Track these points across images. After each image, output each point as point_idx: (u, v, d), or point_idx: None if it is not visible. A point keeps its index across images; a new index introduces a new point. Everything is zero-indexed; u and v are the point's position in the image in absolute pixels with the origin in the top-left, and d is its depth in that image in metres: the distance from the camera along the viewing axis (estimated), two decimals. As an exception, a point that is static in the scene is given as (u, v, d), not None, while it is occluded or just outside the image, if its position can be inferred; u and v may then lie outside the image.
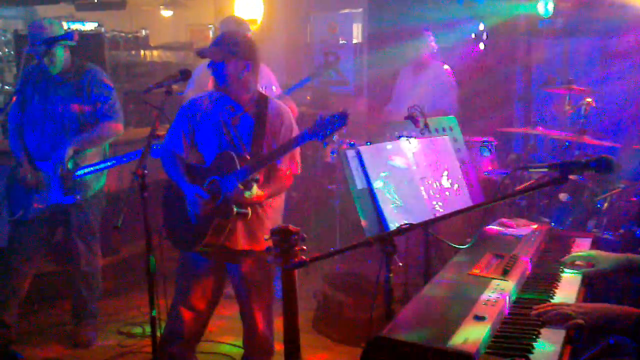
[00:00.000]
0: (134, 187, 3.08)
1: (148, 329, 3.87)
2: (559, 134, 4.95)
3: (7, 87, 8.86)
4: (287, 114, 3.39)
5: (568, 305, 2.20)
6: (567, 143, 4.95)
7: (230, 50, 3.24)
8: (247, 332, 3.52)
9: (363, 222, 2.92)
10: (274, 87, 5.00)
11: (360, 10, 7.49)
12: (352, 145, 4.79)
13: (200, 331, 3.61)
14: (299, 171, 3.43)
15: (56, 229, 4.39)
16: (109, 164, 4.25)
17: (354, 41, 7.65)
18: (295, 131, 3.36)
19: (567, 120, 5.26)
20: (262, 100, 3.35)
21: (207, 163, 3.33)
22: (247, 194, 3.11)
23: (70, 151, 4.11)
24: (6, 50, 9.70)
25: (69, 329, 4.61)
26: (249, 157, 3.19)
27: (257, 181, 3.14)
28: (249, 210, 3.20)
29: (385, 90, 6.34)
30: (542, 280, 2.59)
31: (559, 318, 2.12)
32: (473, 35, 6.39)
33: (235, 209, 3.13)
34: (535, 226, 3.25)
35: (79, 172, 4.15)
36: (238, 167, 3.13)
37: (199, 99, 3.43)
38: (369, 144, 3.44)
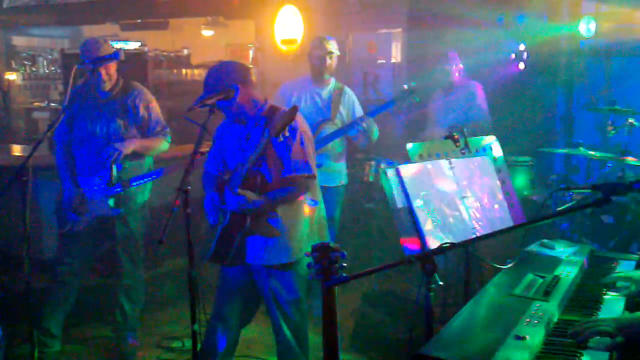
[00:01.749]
0: (177, 202, 3.13)
1: (188, 343, 3.92)
2: (601, 154, 4.90)
3: (52, 104, 9.12)
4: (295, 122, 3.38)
5: (604, 320, 2.18)
6: (609, 164, 4.89)
7: (214, 89, 3.32)
8: (278, 347, 3.56)
9: (402, 241, 2.93)
10: (356, 109, 5.05)
11: (399, 30, 7.53)
12: (391, 164, 4.79)
13: (232, 346, 3.63)
14: (312, 172, 3.37)
15: (101, 241, 4.48)
16: (152, 177, 4.34)
17: (393, 60, 7.67)
18: (301, 136, 3.34)
19: (609, 141, 5.20)
20: (272, 112, 3.41)
21: None
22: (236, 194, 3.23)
23: (127, 145, 4.22)
24: (53, 68, 10.00)
25: (110, 341, 4.68)
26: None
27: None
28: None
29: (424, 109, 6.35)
30: (584, 301, 2.56)
31: (597, 336, 2.09)
32: (513, 55, 6.37)
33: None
34: (577, 247, 3.22)
35: (126, 187, 4.25)
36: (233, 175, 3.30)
37: (227, 121, 3.58)
38: (408, 163, 3.45)
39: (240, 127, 3.47)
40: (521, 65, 6.38)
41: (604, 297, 2.61)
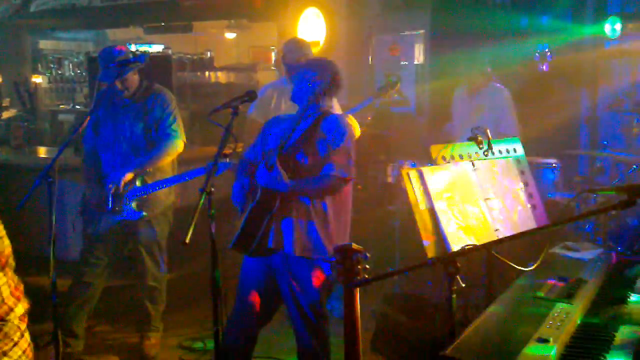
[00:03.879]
0: (202, 204, 3.15)
1: (209, 344, 3.93)
2: (626, 156, 4.84)
3: (78, 107, 9.22)
4: (342, 126, 3.45)
5: None
6: (635, 166, 4.83)
7: (305, 70, 3.54)
8: (298, 348, 3.53)
9: (425, 243, 2.92)
10: (335, 108, 5.06)
11: (422, 31, 7.51)
12: (414, 166, 4.78)
13: (250, 343, 3.61)
14: (347, 176, 3.40)
15: (125, 243, 4.53)
16: (175, 181, 4.38)
17: (415, 62, 7.65)
18: (348, 141, 3.41)
19: (634, 142, 5.14)
20: (322, 114, 3.49)
21: None
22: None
23: (128, 175, 4.25)
24: (79, 71, 10.11)
25: (132, 342, 4.72)
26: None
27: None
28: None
29: (446, 111, 6.32)
30: (608, 304, 2.54)
31: None
32: (538, 56, 6.32)
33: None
34: (601, 250, 3.19)
35: (149, 190, 4.30)
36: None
37: (278, 116, 3.80)
38: (430, 164, 3.43)
39: (289, 121, 3.55)
40: (545, 67, 6.32)
41: (629, 300, 2.58)
